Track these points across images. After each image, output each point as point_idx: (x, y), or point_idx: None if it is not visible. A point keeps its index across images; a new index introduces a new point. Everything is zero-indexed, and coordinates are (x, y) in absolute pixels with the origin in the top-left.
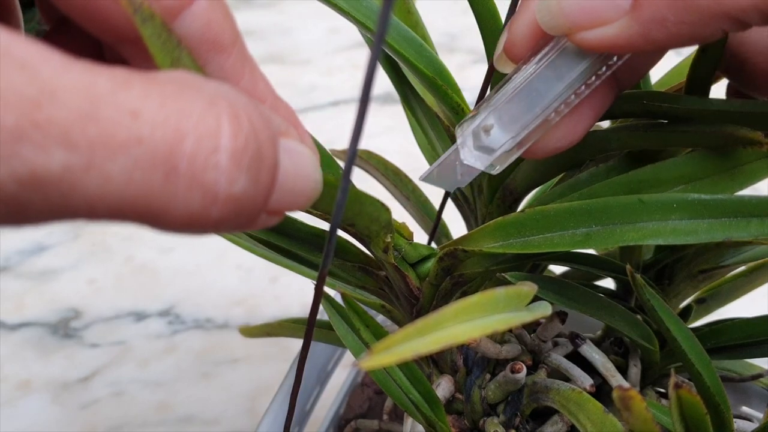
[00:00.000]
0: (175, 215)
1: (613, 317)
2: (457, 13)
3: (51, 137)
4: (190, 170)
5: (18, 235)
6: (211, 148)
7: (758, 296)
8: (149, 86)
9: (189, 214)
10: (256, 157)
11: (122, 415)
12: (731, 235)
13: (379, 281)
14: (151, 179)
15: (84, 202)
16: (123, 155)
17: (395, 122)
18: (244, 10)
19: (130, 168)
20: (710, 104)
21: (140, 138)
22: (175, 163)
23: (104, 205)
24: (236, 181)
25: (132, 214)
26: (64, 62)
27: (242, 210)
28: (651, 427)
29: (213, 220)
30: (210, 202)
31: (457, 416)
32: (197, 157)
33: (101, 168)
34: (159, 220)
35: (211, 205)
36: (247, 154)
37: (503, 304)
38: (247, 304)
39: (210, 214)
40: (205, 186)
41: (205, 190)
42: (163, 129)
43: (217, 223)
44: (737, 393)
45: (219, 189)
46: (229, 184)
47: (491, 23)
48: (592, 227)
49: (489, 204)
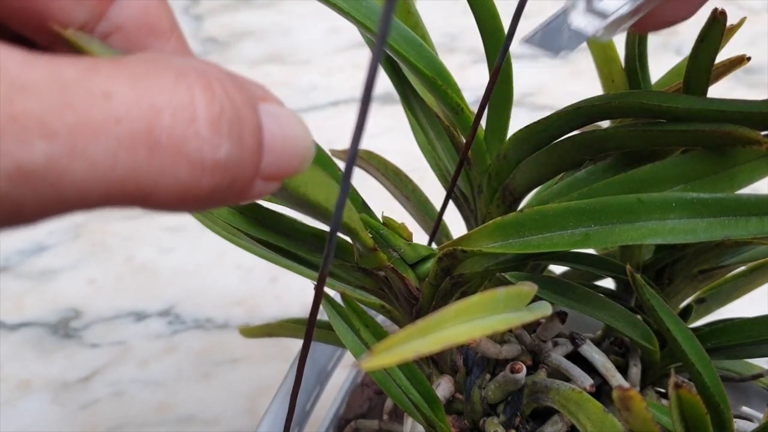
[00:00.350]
0: (167, 190)
1: (613, 317)
2: (457, 14)
3: (30, 129)
4: (172, 143)
5: (18, 235)
6: (188, 119)
7: (758, 296)
8: (116, 69)
9: (180, 187)
10: (236, 121)
11: (122, 415)
12: (730, 233)
13: (379, 281)
14: (136, 157)
15: (75, 190)
16: (104, 137)
17: (395, 122)
18: (244, 10)
19: (114, 149)
20: (709, 103)
21: (117, 118)
22: (156, 138)
23: (95, 190)
24: (220, 146)
25: (125, 197)
26: (27, 57)
27: (235, 177)
28: (651, 426)
29: (206, 189)
30: (198, 171)
31: (457, 416)
32: (176, 128)
33: (84, 153)
34: (152, 198)
35: (200, 174)
36: (225, 119)
37: (503, 304)
38: (247, 304)
39: (201, 183)
40: (189, 156)
41: (190, 160)
42: (137, 107)
43: (211, 192)
44: (737, 393)
45: (204, 157)
46: (214, 151)
47: (491, 23)
48: (591, 227)
49: (489, 204)
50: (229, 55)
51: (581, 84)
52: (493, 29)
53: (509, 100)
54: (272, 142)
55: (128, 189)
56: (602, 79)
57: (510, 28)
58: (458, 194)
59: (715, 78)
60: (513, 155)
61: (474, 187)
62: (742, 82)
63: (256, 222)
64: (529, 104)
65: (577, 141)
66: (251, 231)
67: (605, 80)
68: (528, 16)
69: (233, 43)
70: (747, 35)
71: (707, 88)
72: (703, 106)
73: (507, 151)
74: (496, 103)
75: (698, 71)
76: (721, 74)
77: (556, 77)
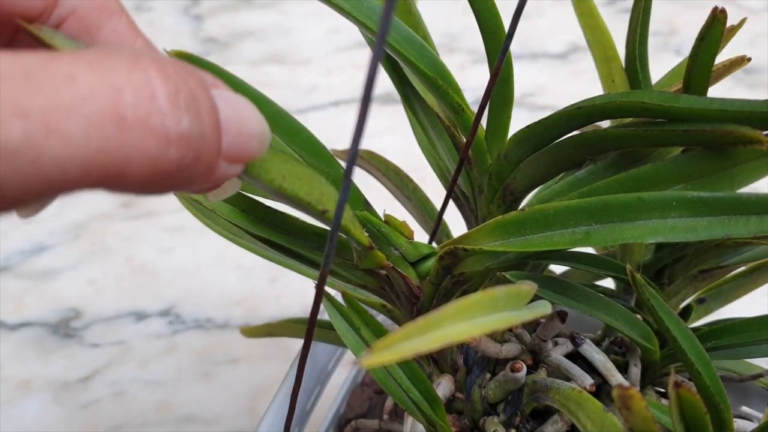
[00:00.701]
0: (140, 163)
1: (613, 317)
2: (457, 14)
3: (4, 111)
4: (137, 117)
5: (18, 234)
6: (148, 96)
7: (758, 296)
8: (75, 57)
9: (151, 159)
10: (191, 98)
11: (122, 415)
12: (731, 232)
13: (380, 280)
14: (107, 133)
15: (54, 166)
16: (75, 116)
17: (395, 122)
18: (244, 10)
19: (85, 126)
20: (710, 103)
21: (83, 97)
22: (122, 114)
23: (73, 166)
24: (180, 120)
25: (102, 172)
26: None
27: (199, 151)
28: (651, 425)
29: (174, 162)
30: (165, 143)
31: (458, 415)
32: (139, 105)
33: (59, 131)
34: (128, 172)
35: (166, 146)
36: (182, 96)
37: (503, 302)
38: (247, 304)
39: (169, 155)
40: (155, 129)
41: (156, 132)
42: (100, 87)
43: (180, 166)
44: (737, 393)
45: (169, 128)
46: (176, 124)
47: (491, 23)
48: (591, 225)
49: (489, 204)
50: (229, 55)
51: (581, 84)
52: (493, 29)
53: (510, 99)
54: (228, 123)
55: (104, 163)
56: (602, 79)
57: (510, 28)
58: (459, 194)
59: (715, 78)
60: (513, 155)
61: (474, 186)
62: (742, 83)
63: (258, 220)
64: (529, 104)
65: (578, 141)
66: (252, 229)
67: (605, 80)
68: (528, 16)
69: (233, 43)
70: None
71: (707, 88)
72: (704, 106)
73: (507, 151)
74: (496, 103)
75: (698, 70)
76: (722, 75)
77: (556, 77)
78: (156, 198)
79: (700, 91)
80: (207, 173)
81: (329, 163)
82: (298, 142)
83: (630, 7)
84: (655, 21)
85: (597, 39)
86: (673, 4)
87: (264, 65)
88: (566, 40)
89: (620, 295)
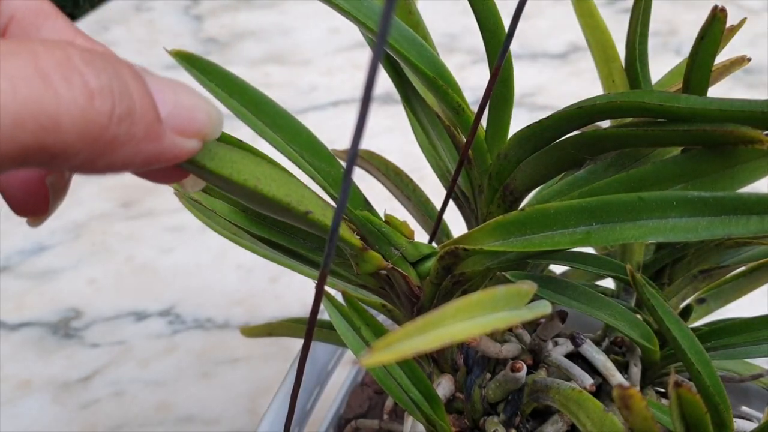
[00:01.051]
0: (71, 114)
1: (613, 316)
2: (456, 14)
3: None
4: (58, 73)
5: (18, 234)
6: (64, 58)
7: (758, 296)
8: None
9: (79, 109)
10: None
11: (122, 415)
12: (731, 232)
13: (380, 280)
14: (33, 84)
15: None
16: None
17: (395, 122)
18: (244, 10)
19: (11, 81)
20: (710, 103)
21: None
22: (44, 70)
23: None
24: (99, 75)
25: (35, 125)
26: None
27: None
28: (651, 425)
29: (104, 112)
30: (87, 94)
31: (458, 415)
32: (58, 64)
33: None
34: (61, 125)
35: (90, 97)
36: (97, 59)
37: (503, 302)
38: (247, 303)
39: (95, 105)
40: (76, 83)
41: (78, 84)
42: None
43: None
44: (737, 393)
45: (89, 81)
46: (95, 78)
47: (491, 23)
48: (592, 225)
49: (489, 204)
50: (229, 55)
51: (581, 84)
52: (493, 29)
53: (510, 99)
54: (162, 95)
55: (35, 112)
56: (602, 79)
57: (510, 28)
58: (459, 194)
59: (715, 78)
60: (514, 155)
61: (475, 186)
62: (742, 83)
63: (258, 220)
64: (529, 104)
65: (578, 141)
66: (253, 229)
67: (605, 80)
68: (528, 17)
69: (233, 43)
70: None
71: (707, 88)
72: (704, 106)
73: (508, 151)
74: (496, 103)
75: (699, 70)
76: (722, 74)
77: (556, 77)
78: (156, 198)
79: (701, 90)
80: (150, 136)
81: (330, 163)
82: (298, 141)
83: (630, 7)
84: (655, 21)
85: (597, 39)
86: (673, 4)
87: (264, 65)
88: (566, 40)
89: (620, 295)
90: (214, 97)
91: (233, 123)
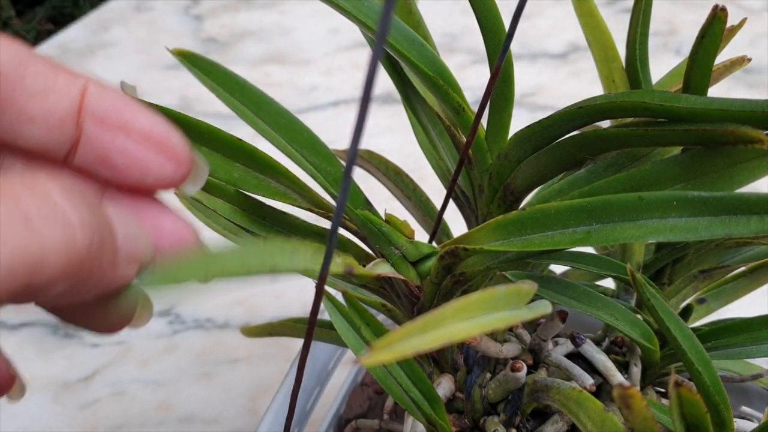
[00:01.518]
0: (55, 251)
1: (613, 316)
2: (457, 13)
3: None
4: (41, 214)
5: None
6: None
7: (758, 296)
8: None
9: (62, 245)
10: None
11: (122, 415)
12: (731, 232)
13: (380, 279)
14: (17, 230)
15: None
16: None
17: (395, 122)
18: (244, 10)
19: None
20: (710, 103)
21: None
22: (27, 216)
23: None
24: (77, 209)
25: (24, 269)
26: None
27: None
28: (651, 425)
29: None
30: (70, 230)
31: (458, 415)
32: (40, 205)
33: None
34: (46, 263)
35: (72, 232)
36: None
37: (503, 302)
38: (247, 303)
39: (77, 239)
40: (57, 220)
41: (60, 222)
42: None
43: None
44: (737, 393)
45: (70, 217)
46: (75, 212)
47: (491, 23)
48: (592, 225)
49: (490, 203)
50: (229, 55)
51: (581, 84)
52: (493, 29)
53: (510, 99)
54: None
55: (24, 258)
56: (602, 79)
57: (510, 28)
58: (459, 194)
59: (715, 78)
60: (514, 155)
61: (475, 186)
62: (742, 83)
63: (258, 219)
64: (529, 104)
65: (579, 140)
66: (253, 228)
67: (605, 80)
68: (528, 16)
69: (233, 43)
70: (747, 36)
71: (708, 88)
72: (705, 106)
73: (508, 151)
74: (496, 103)
75: (699, 69)
76: (722, 74)
77: (556, 77)
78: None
79: (701, 90)
80: (112, 265)
81: (330, 162)
82: (299, 140)
83: (630, 7)
84: (655, 21)
85: (597, 39)
86: (673, 4)
87: (264, 65)
88: (566, 40)
89: (620, 295)
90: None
91: (233, 122)
